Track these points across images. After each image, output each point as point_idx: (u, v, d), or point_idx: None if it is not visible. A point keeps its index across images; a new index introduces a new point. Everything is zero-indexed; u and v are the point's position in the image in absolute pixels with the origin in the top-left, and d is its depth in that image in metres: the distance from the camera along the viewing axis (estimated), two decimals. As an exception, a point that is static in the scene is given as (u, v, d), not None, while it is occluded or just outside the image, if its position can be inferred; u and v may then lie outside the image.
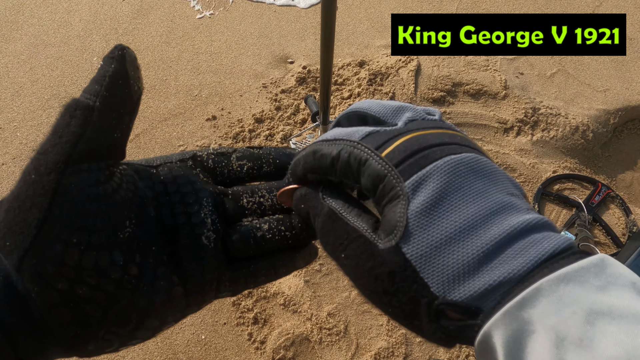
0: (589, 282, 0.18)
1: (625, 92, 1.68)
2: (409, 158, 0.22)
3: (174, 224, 0.27)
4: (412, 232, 0.20)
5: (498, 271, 0.19)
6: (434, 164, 0.21)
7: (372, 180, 0.23)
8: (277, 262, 0.30)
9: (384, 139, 0.24)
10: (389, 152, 0.23)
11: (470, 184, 0.21)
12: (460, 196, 0.21)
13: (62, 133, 0.23)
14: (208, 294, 0.28)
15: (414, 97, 1.57)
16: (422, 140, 0.23)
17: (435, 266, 0.20)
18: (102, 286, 0.23)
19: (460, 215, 0.20)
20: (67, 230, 0.22)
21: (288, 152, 0.33)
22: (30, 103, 1.59)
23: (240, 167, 0.32)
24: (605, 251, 1.36)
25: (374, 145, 0.23)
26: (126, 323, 0.24)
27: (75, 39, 1.79)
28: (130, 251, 0.24)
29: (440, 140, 0.23)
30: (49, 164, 0.22)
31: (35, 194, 0.22)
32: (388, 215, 0.22)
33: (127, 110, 0.25)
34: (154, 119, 1.57)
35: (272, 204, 0.31)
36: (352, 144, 0.24)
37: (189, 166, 0.30)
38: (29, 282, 0.21)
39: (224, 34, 1.83)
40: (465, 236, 0.20)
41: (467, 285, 0.19)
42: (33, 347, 0.22)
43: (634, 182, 1.59)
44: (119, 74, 0.24)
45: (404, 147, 0.23)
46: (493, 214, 0.20)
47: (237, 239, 0.29)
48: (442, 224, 0.20)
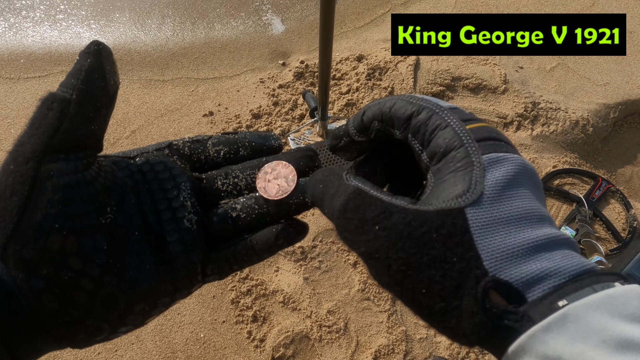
0: (623, 312, 0.17)
1: (625, 86, 1.67)
2: (489, 140, 0.23)
3: (155, 210, 0.28)
4: (484, 199, 0.20)
5: (549, 263, 0.19)
6: (507, 154, 0.22)
7: (447, 143, 0.22)
8: (255, 240, 0.30)
9: (468, 116, 0.24)
10: (473, 127, 0.23)
11: (530, 185, 0.22)
12: (525, 189, 0.22)
13: (39, 125, 0.23)
14: (195, 277, 0.28)
15: (413, 91, 1.55)
16: (496, 133, 0.24)
17: (493, 240, 0.20)
18: (88, 271, 0.23)
19: (523, 205, 0.21)
20: (48, 216, 0.22)
21: (264, 135, 0.33)
22: (24, 99, 1.56)
23: (217, 152, 0.32)
24: (606, 246, 1.35)
25: (459, 118, 0.24)
26: (114, 308, 0.25)
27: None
28: (114, 236, 0.25)
29: (509, 141, 0.24)
30: (26, 153, 0.23)
31: (15, 183, 0.22)
32: (454, 180, 0.21)
33: (103, 104, 0.26)
34: (150, 115, 1.55)
35: (247, 183, 0.31)
36: (438, 107, 0.24)
37: (165, 154, 0.30)
38: (13, 269, 0.22)
39: (220, 29, 1.81)
40: (524, 223, 0.20)
41: (520, 267, 0.19)
42: (24, 341, 0.23)
43: (634, 177, 1.59)
44: (95, 68, 0.25)
45: (487, 130, 0.23)
46: (543, 218, 0.21)
47: (215, 221, 0.29)
48: (511, 203, 0.21)
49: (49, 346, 0.24)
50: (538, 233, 0.20)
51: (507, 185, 0.21)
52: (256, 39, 1.77)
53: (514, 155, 0.23)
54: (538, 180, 0.23)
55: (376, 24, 1.84)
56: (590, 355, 0.16)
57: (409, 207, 0.22)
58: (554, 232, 0.21)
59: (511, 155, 0.22)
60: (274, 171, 0.31)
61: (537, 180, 0.23)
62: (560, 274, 0.19)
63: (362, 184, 0.24)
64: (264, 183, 0.31)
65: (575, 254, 0.21)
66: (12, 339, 0.22)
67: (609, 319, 0.17)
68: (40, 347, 0.24)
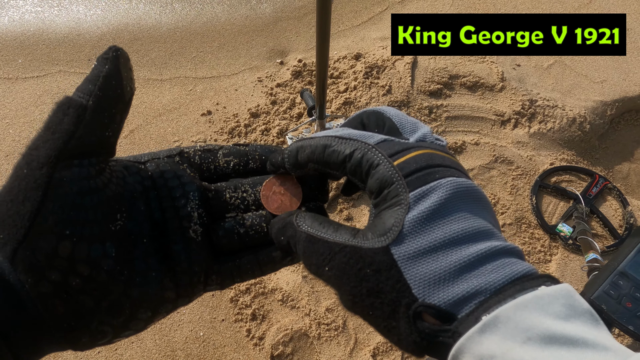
0: (548, 310, 0.19)
1: (622, 83, 1.68)
2: (418, 172, 0.24)
3: (162, 218, 0.28)
4: (404, 236, 0.22)
5: (475, 281, 0.21)
6: (439, 181, 0.24)
7: (379, 184, 0.24)
8: (262, 258, 0.31)
9: (397, 149, 0.25)
10: (401, 162, 0.24)
11: (463, 205, 0.24)
12: (453, 214, 0.23)
13: (54, 129, 0.23)
14: (197, 286, 0.29)
15: (411, 90, 1.56)
16: (430, 158, 0.25)
17: (419, 269, 0.22)
18: (95, 277, 0.24)
19: (449, 229, 0.22)
20: (59, 223, 0.22)
21: (274, 149, 0.33)
22: (22, 99, 1.56)
23: (227, 163, 0.32)
24: (603, 243, 1.36)
25: (388, 153, 0.25)
26: (119, 314, 0.25)
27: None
28: (122, 243, 0.25)
29: (445, 163, 0.25)
30: (40, 158, 0.22)
31: (28, 188, 0.22)
32: (385, 218, 0.24)
33: (119, 110, 0.26)
34: (148, 115, 1.55)
35: (256, 198, 0.32)
36: (367, 146, 0.26)
37: (176, 162, 0.30)
38: (22, 273, 0.22)
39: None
40: (450, 248, 0.22)
41: (446, 291, 0.21)
42: (27, 342, 0.23)
43: (631, 174, 1.59)
44: (113, 74, 0.25)
45: (415, 160, 0.25)
46: (476, 235, 0.23)
47: (222, 234, 0.30)
48: (433, 233, 0.22)
49: (52, 348, 0.24)
50: (469, 251, 0.22)
51: (430, 217, 0.23)
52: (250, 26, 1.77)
53: (448, 179, 0.24)
54: (477, 194, 0.25)
55: (374, 22, 1.84)
56: (518, 351, 0.18)
57: (349, 243, 0.24)
58: (489, 245, 0.22)
59: (443, 181, 0.24)
60: (283, 185, 0.32)
61: (475, 195, 0.24)
62: (485, 290, 0.21)
63: (310, 226, 0.26)
64: (268, 192, 0.31)
65: (510, 261, 0.22)
66: (16, 339, 0.22)
67: (536, 317, 0.19)
68: (43, 348, 0.24)
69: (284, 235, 0.28)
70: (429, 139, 0.28)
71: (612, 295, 0.67)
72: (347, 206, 1.36)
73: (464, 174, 0.26)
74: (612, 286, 0.67)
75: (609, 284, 0.67)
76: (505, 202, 1.41)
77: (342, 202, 1.36)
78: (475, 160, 1.48)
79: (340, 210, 1.35)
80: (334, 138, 0.27)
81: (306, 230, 0.26)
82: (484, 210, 0.24)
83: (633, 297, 0.65)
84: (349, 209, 1.36)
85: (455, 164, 0.26)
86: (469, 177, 0.27)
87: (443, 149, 0.27)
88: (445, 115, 1.55)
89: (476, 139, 1.51)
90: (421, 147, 0.26)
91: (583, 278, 1.29)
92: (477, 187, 0.25)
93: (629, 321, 0.65)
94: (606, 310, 0.67)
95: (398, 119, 0.29)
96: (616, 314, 0.66)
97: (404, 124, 0.28)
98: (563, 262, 1.32)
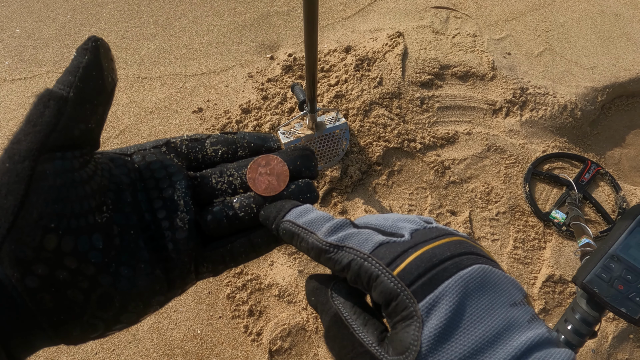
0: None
1: (612, 69, 1.68)
2: (421, 277, 0.22)
3: (150, 209, 0.28)
4: (424, 357, 0.21)
5: None
6: (445, 283, 0.22)
7: (384, 297, 0.23)
8: (255, 239, 0.30)
9: (395, 253, 0.24)
10: (401, 271, 0.23)
11: (478, 301, 0.22)
12: (471, 318, 0.21)
13: (35, 122, 0.23)
14: (188, 275, 0.29)
15: (402, 81, 1.55)
16: (432, 255, 0.23)
17: None
18: (83, 270, 0.23)
19: (470, 339, 0.21)
20: (44, 216, 0.22)
21: (263, 136, 0.33)
22: (10, 102, 1.55)
23: (215, 152, 0.32)
24: (596, 228, 1.37)
25: (386, 261, 0.24)
26: (110, 307, 0.25)
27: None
28: (110, 235, 0.25)
29: (449, 253, 0.23)
30: (22, 151, 0.22)
31: (10, 181, 0.22)
32: (401, 334, 0.22)
33: (101, 101, 0.25)
34: (139, 113, 1.54)
35: (242, 182, 0.31)
36: (363, 256, 0.24)
37: (162, 152, 0.30)
38: (8, 268, 0.22)
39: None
40: (481, 352, 0.21)
41: None
42: (18, 337, 0.23)
43: (623, 159, 1.60)
44: (93, 65, 0.24)
45: (416, 265, 0.23)
46: (499, 335, 0.21)
47: (210, 219, 0.29)
48: (452, 350, 0.21)
49: (43, 342, 0.24)
50: (498, 356, 0.20)
51: (448, 328, 0.21)
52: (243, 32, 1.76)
53: (453, 278, 0.22)
54: (490, 277, 0.23)
55: (363, 14, 1.83)
56: None
57: (373, 350, 0.23)
58: (517, 343, 0.21)
59: (450, 283, 0.22)
60: (268, 165, 0.31)
61: (489, 279, 0.23)
62: None
63: (342, 306, 0.25)
64: (254, 174, 0.31)
65: (542, 354, 0.21)
66: (6, 333, 0.22)
67: None
68: (34, 343, 0.24)
69: (314, 296, 0.27)
70: (421, 226, 0.26)
71: (604, 279, 0.67)
72: (342, 199, 1.36)
73: (472, 254, 0.24)
74: (604, 269, 0.67)
75: (600, 268, 0.68)
76: (498, 191, 1.41)
77: (337, 196, 1.36)
78: (468, 150, 1.48)
79: (334, 203, 1.35)
80: (329, 245, 0.25)
81: (337, 306, 0.25)
82: (504, 293, 0.23)
83: (625, 279, 0.66)
84: (343, 202, 1.35)
85: (457, 247, 0.24)
86: (480, 252, 0.25)
87: (440, 232, 0.26)
88: (437, 105, 1.55)
89: (468, 129, 1.51)
90: (418, 243, 0.24)
91: (577, 263, 1.30)
92: (488, 267, 0.23)
93: (621, 303, 0.65)
94: (599, 293, 0.67)
95: (380, 223, 0.27)
96: (609, 297, 0.66)
97: (387, 225, 0.27)
98: (557, 248, 1.32)
